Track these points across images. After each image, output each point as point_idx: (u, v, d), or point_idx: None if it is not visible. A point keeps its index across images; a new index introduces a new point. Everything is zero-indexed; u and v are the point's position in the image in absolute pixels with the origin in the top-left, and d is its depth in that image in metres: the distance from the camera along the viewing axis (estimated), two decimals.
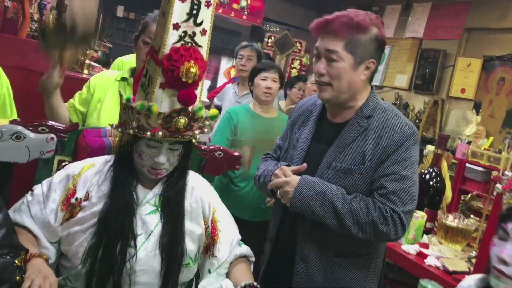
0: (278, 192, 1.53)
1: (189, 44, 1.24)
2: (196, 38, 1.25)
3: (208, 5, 1.24)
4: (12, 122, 1.59)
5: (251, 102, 2.80)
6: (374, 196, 1.46)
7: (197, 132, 1.33)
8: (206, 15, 1.25)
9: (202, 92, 1.32)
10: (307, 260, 1.54)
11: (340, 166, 1.50)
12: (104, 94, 1.92)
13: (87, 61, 2.71)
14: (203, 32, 1.26)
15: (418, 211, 2.37)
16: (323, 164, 1.53)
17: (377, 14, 1.55)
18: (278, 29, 6.63)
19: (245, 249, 1.54)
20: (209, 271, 1.46)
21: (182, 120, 1.25)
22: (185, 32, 1.23)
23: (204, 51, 1.27)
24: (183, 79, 1.19)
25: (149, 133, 1.25)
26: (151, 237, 1.35)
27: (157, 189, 1.40)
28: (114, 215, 1.32)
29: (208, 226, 1.46)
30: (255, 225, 2.50)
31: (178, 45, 1.23)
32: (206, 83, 7.24)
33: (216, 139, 2.62)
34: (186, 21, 1.23)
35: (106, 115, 1.88)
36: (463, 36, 4.66)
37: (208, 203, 1.47)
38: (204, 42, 1.27)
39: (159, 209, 1.38)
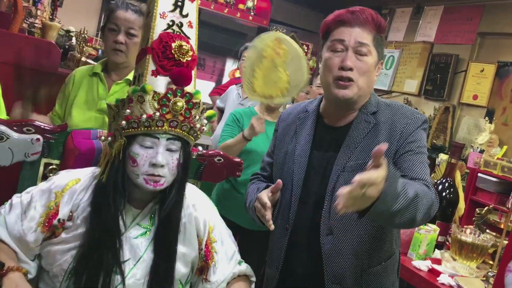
0: (353, 204, 1.10)
1: (178, 34, 1.22)
2: (184, 29, 1.22)
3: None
4: None
5: (256, 105, 2.69)
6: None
7: (197, 125, 1.24)
8: (191, 9, 1.24)
9: (195, 84, 1.26)
10: (341, 280, 1.40)
11: (355, 163, 1.38)
12: (77, 92, 1.87)
13: (83, 59, 2.61)
14: (190, 25, 1.23)
15: (430, 224, 2.24)
16: (336, 168, 1.40)
17: (387, 17, 1.46)
18: (284, 31, 6.50)
19: (244, 268, 1.40)
20: None
21: (180, 103, 1.17)
22: (172, 21, 1.21)
23: (193, 43, 1.23)
24: (176, 57, 1.17)
25: (144, 116, 1.15)
26: (139, 264, 1.23)
27: (148, 209, 1.27)
28: (95, 244, 1.19)
29: (202, 249, 1.32)
30: (256, 234, 2.38)
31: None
32: (210, 85, 7.13)
33: (225, 139, 2.50)
34: (172, 11, 1.22)
35: (77, 113, 1.84)
36: (476, 40, 4.56)
37: (203, 221, 1.34)
38: (192, 34, 1.24)
39: (150, 230, 1.26)
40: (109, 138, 1.22)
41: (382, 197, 1.09)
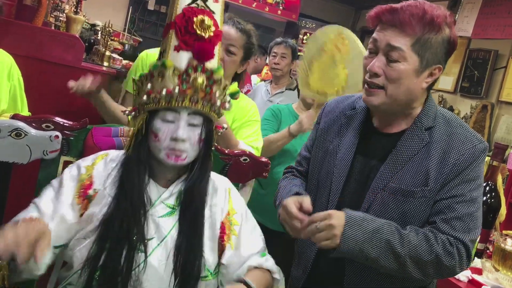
0: (316, 237, 1.21)
1: (202, 8, 1.21)
2: (208, 3, 1.21)
3: None
4: (13, 117, 1.43)
5: (294, 102, 2.61)
6: (435, 222, 1.24)
7: (218, 102, 1.22)
8: None
9: (218, 60, 1.25)
10: None
11: (398, 187, 1.26)
12: None
13: (107, 53, 2.55)
14: None
15: None
16: (375, 184, 1.29)
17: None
18: (314, 25, 6.40)
19: (264, 260, 1.30)
20: (221, 283, 1.28)
21: (200, 79, 1.17)
22: None
23: (217, 18, 1.22)
24: (198, 32, 1.16)
25: (164, 90, 1.15)
26: (164, 243, 1.21)
27: (174, 187, 1.26)
28: (119, 217, 1.17)
29: (219, 228, 1.30)
30: (284, 237, 2.28)
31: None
32: None
33: (267, 133, 2.41)
34: None
35: None
36: None
37: (226, 202, 1.33)
38: (217, 9, 1.22)
39: (176, 210, 1.24)
40: (133, 113, 1.23)
41: (343, 234, 1.17)
